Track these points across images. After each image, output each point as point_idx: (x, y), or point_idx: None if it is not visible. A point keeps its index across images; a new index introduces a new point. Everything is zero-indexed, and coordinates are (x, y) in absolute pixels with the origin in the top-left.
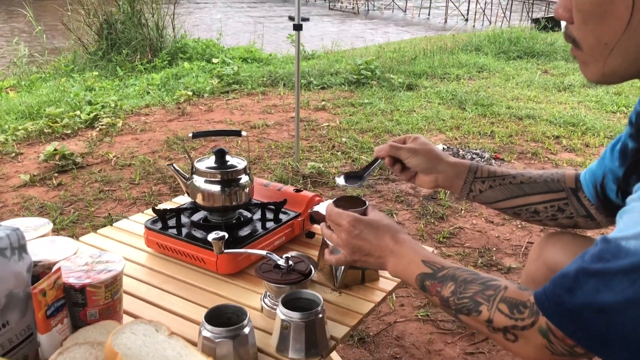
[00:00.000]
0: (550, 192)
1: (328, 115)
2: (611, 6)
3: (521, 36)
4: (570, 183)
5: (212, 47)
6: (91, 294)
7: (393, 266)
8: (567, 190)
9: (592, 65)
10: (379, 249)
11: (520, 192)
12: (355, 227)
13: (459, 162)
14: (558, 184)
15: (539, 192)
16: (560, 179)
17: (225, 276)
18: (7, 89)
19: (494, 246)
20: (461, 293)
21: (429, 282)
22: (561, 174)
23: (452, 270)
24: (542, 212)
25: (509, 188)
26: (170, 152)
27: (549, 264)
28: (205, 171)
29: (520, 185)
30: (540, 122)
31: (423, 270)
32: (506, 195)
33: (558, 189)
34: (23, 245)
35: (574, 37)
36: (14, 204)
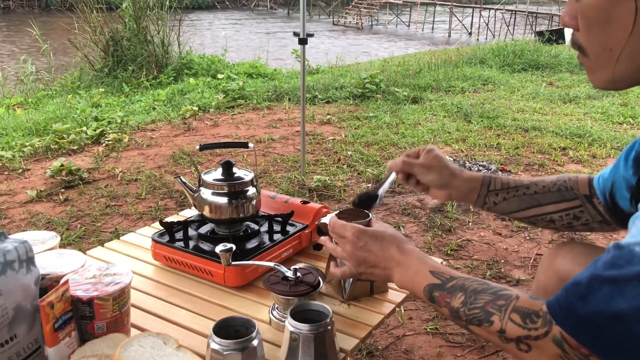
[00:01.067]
0: (564, 201)
1: (333, 129)
2: (614, 13)
3: (525, 49)
4: (584, 190)
5: (218, 63)
6: (99, 307)
7: (400, 277)
8: (581, 198)
9: (598, 72)
10: (384, 260)
11: (534, 203)
12: (360, 238)
13: (473, 177)
14: (572, 192)
15: (553, 202)
16: (573, 186)
17: (233, 289)
18: (15, 106)
19: (502, 258)
20: (471, 304)
21: (437, 293)
22: (574, 180)
23: (462, 280)
24: (558, 221)
25: (523, 199)
26: (176, 166)
27: (560, 274)
28: (212, 183)
29: (534, 196)
30: (547, 133)
31: (431, 281)
32: (521, 206)
33: (572, 197)
34: (31, 257)
35: (580, 44)
36: (21, 220)
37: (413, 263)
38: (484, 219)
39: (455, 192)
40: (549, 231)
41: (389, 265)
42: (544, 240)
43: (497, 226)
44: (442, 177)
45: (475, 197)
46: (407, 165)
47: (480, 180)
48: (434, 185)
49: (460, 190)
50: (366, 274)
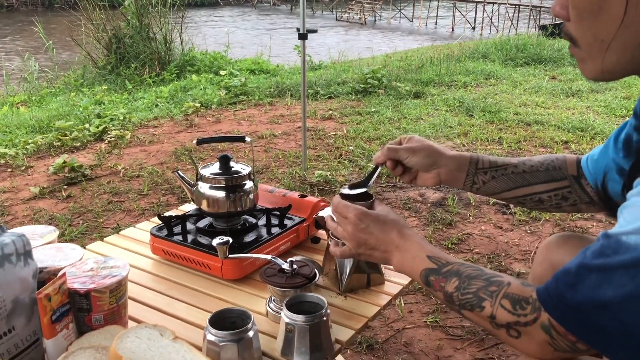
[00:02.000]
0: (553, 181)
1: (335, 124)
2: (605, 3)
3: (528, 43)
4: (572, 170)
5: (220, 60)
6: (96, 299)
7: (398, 261)
8: (570, 178)
9: (589, 63)
10: (384, 243)
11: (524, 182)
12: (362, 220)
13: (460, 155)
14: (560, 171)
15: (542, 182)
16: (562, 166)
17: (230, 281)
18: (18, 104)
19: (502, 252)
20: (465, 289)
21: (433, 278)
22: (562, 160)
23: (457, 265)
24: (547, 201)
25: (512, 178)
26: (178, 162)
27: (555, 266)
28: (209, 177)
29: (523, 175)
30: (549, 127)
31: (428, 265)
32: (510, 185)
33: (561, 177)
34: (29, 251)
35: (571, 35)
36: (24, 216)
37: (412, 247)
38: (484, 212)
39: (444, 172)
40: (549, 224)
41: (388, 249)
42: (544, 234)
43: (497, 220)
44: (428, 156)
45: (464, 177)
46: (391, 151)
47: (468, 158)
48: (422, 168)
49: (449, 168)
50: (365, 255)
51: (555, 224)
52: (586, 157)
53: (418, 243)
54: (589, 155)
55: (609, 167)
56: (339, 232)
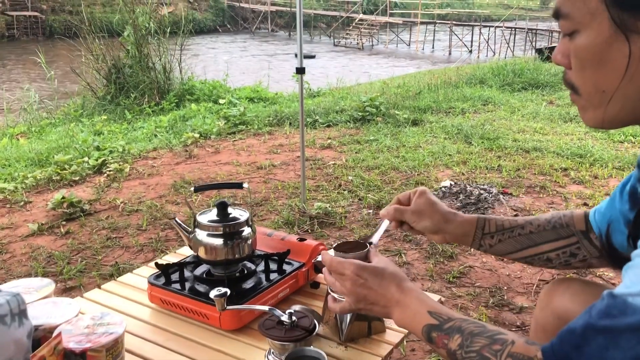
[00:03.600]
0: (560, 239)
1: (334, 154)
2: (608, 55)
3: (525, 67)
4: (580, 225)
5: (219, 88)
6: (92, 359)
7: (399, 316)
8: (578, 234)
9: (590, 112)
10: (384, 298)
11: (530, 243)
12: (360, 275)
13: (466, 220)
14: (568, 229)
15: (550, 241)
16: (569, 222)
17: (229, 332)
18: (18, 136)
19: (505, 285)
20: (468, 347)
21: (435, 334)
22: (569, 216)
23: (459, 322)
24: (555, 259)
25: (519, 240)
26: (177, 196)
27: (558, 313)
28: (207, 225)
29: (530, 236)
30: (548, 154)
31: (429, 321)
32: (516, 247)
33: (568, 235)
34: (23, 310)
35: (572, 83)
36: (22, 254)
37: (412, 303)
38: None
39: (449, 236)
40: None
41: (388, 304)
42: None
43: None
44: (435, 224)
45: (471, 241)
46: (398, 213)
47: (475, 224)
48: (427, 231)
49: (455, 234)
50: (365, 310)
51: None
52: (594, 211)
53: (418, 298)
54: (596, 209)
55: (614, 218)
56: (337, 287)
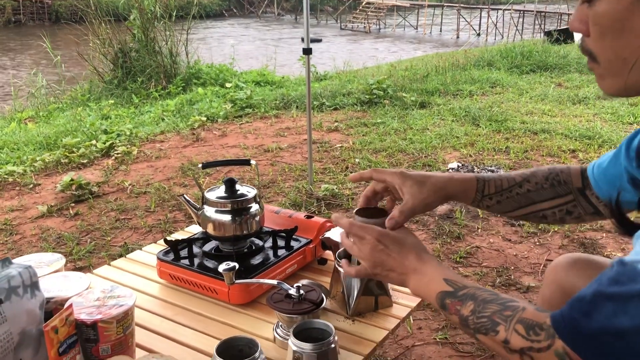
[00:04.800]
0: (557, 197)
1: (341, 136)
2: (629, 22)
3: (534, 50)
4: (577, 182)
5: (226, 72)
6: (103, 330)
7: (414, 284)
8: (575, 192)
9: (609, 79)
10: (402, 266)
11: (528, 202)
12: (381, 241)
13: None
14: (565, 186)
15: (547, 199)
16: (566, 179)
17: (237, 306)
18: (26, 120)
19: (511, 265)
20: (480, 312)
21: (449, 301)
22: (566, 173)
23: (473, 289)
24: (550, 217)
25: (517, 199)
26: (185, 178)
27: (564, 288)
28: (215, 201)
29: (528, 194)
30: (556, 136)
31: (444, 288)
32: (514, 206)
33: (565, 192)
34: (35, 282)
35: (590, 51)
36: (32, 235)
37: (428, 270)
38: (493, 225)
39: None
40: (558, 236)
41: (405, 271)
42: (554, 246)
43: (506, 232)
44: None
45: (470, 202)
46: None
47: (475, 185)
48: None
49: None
50: (381, 276)
51: (564, 236)
52: (592, 165)
53: (434, 266)
54: (595, 164)
55: (619, 175)
56: (355, 251)
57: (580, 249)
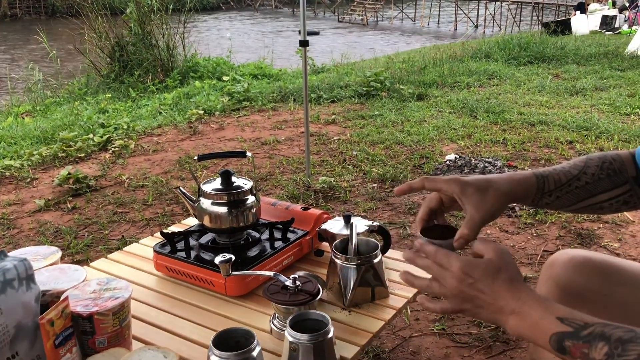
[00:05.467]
0: (615, 188)
1: (338, 129)
2: None
3: (531, 41)
4: (632, 170)
5: (223, 65)
6: (99, 322)
7: (515, 325)
8: (630, 182)
9: None
10: (495, 305)
11: (587, 194)
12: (469, 275)
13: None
14: (622, 175)
15: (606, 190)
16: (621, 168)
17: (234, 298)
18: (23, 115)
19: None
20: (620, 355)
21: (570, 343)
22: (619, 161)
23: (600, 327)
24: (607, 208)
25: (576, 193)
26: (182, 171)
27: (560, 285)
28: (211, 193)
29: (586, 187)
30: (553, 127)
31: (560, 329)
32: (573, 201)
33: (622, 182)
34: (31, 275)
35: None
36: (29, 229)
37: (533, 310)
38: None
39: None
40: (555, 227)
41: (500, 312)
42: (551, 237)
43: (503, 223)
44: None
45: (530, 202)
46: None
47: (535, 184)
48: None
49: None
50: (471, 313)
51: (561, 227)
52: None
53: (540, 304)
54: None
55: None
56: (435, 288)
57: (577, 240)
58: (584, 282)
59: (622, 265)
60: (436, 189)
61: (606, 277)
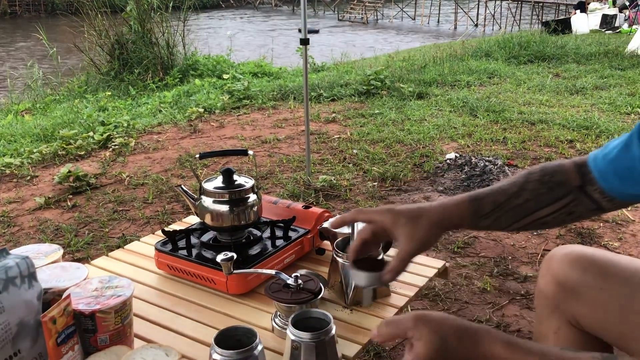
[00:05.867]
0: (557, 201)
1: (339, 127)
2: None
3: (531, 40)
4: (575, 180)
5: (223, 63)
6: (101, 320)
7: None
8: (574, 192)
9: None
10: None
11: (528, 212)
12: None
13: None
14: (564, 187)
15: (547, 205)
16: (563, 179)
17: (235, 296)
18: (23, 112)
19: (509, 255)
20: None
21: None
22: (561, 172)
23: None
24: (552, 222)
25: (515, 212)
26: (182, 169)
27: (557, 279)
28: (213, 191)
29: (526, 204)
30: (553, 126)
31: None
32: (513, 220)
33: (565, 194)
34: (33, 273)
35: None
36: (29, 227)
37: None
38: None
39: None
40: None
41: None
42: (551, 236)
43: None
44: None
45: (467, 226)
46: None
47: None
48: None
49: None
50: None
51: (561, 226)
52: (594, 158)
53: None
54: (598, 155)
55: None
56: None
57: (577, 239)
58: (580, 277)
59: (618, 261)
60: (368, 220)
61: (602, 272)
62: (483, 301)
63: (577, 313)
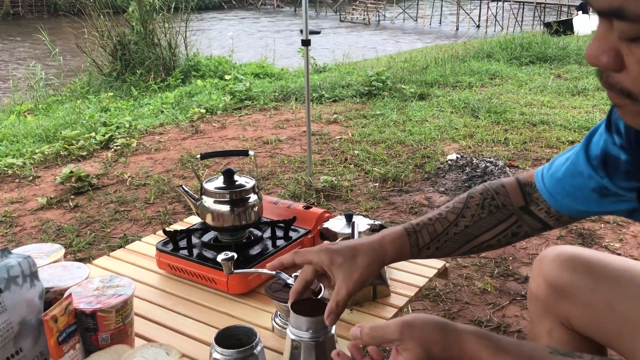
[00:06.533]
0: (499, 224)
1: (340, 128)
2: None
3: (533, 41)
4: (518, 201)
5: (225, 64)
6: (102, 319)
7: None
8: (517, 212)
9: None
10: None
11: (468, 238)
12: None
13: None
14: (505, 209)
15: (488, 229)
16: (505, 201)
17: (236, 296)
18: (25, 113)
19: (510, 255)
20: None
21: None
22: (503, 193)
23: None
24: (496, 244)
25: (455, 240)
26: (184, 170)
27: (548, 280)
28: (213, 192)
29: (466, 231)
30: (555, 127)
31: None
32: (455, 247)
33: (507, 216)
34: (34, 272)
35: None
36: (32, 227)
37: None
38: None
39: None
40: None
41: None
42: (552, 237)
43: None
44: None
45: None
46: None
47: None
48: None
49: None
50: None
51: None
52: (540, 175)
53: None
54: (544, 173)
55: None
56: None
57: (578, 240)
58: (570, 278)
59: (608, 261)
60: (307, 261)
61: (592, 272)
62: (484, 302)
63: (568, 314)
